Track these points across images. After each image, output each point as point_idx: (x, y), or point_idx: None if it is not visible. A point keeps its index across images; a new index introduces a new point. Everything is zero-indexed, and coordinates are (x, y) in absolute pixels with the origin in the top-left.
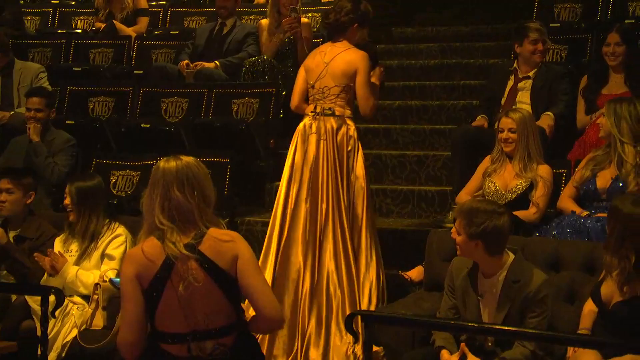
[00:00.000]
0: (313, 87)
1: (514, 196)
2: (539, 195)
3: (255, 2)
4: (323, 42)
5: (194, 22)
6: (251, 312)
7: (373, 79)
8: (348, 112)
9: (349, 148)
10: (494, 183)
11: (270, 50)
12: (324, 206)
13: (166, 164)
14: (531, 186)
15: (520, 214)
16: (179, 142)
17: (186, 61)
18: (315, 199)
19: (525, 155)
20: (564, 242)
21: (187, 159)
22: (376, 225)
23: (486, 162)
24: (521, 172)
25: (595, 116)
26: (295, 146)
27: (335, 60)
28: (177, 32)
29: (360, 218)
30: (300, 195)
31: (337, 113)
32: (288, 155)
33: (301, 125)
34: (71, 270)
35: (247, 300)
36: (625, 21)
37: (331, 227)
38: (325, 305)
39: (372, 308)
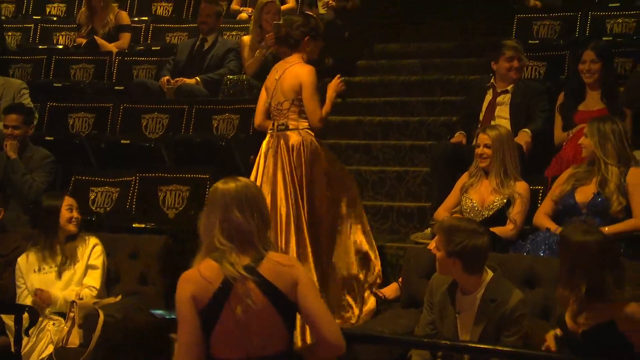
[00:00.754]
0: (270, 104)
1: (491, 213)
2: (516, 211)
3: (237, 18)
4: None
5: (176, 37)
6: None
7: (329, 91)
8: (303, 124)
9: (305, 158)
10: (471, 199)
11: (253, 66)
12: (283, 221)
13: (224, 185)
14: (508, 203)
15: (497, 230)
16: (159, 158)
17: (167, 77)
18: (275, 213)
19: (501, 172)
20: (538, 259)
21: (244, 180)
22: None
23: (464, 178)
24: (498, 188)
25: (572, 133)
26: (258, 164)
27: (284, 75)
28: (159, 47)
29: (323, 225)
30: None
31: (290, 127)
32: (251, 174)
33: (264, 142)
34: (59, 296)
35: None
36: (603, 38)
37: (293, 238)
38: None
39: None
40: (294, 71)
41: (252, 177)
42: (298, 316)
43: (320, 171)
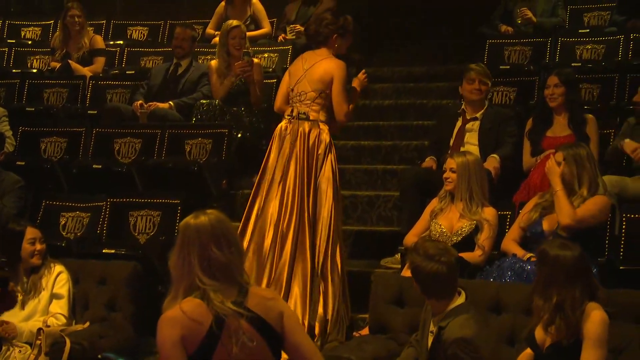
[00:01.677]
0: (292, 90)
1: (459, 238)
2: (484, 237)
3: (212, 42)
4: (277, 83)
5: (151, 61)
6: None
7: (354, 84)
8: (322, 117)
9: (319, 152)
10: (440, 225)
11: (222, 92)
12: (289, 206)
13: (197, 220)
14: (476, 228)
15: (466, 255)
16: (131, 183)
17: (140, 101)
18: (282, 198)
19: (467, 197)
20: (505, 285)
21: (216, 213)
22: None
23: (433, 203)
24: (465, 213)
25: (540, 158)
26: (271, 147)
27: (314, 67)
28: (133, 72)
29: (327, 219)
30: (270, 193)
31: (311, 117)
32: (265, 156)
33: (278, 127)
34: (25, 328)
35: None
36: (573, 64)
37: (293, 227)
38: None
39: (330, 312)
40: (326, 64)
41: (265, 160)
42: None
43: (329, 168)
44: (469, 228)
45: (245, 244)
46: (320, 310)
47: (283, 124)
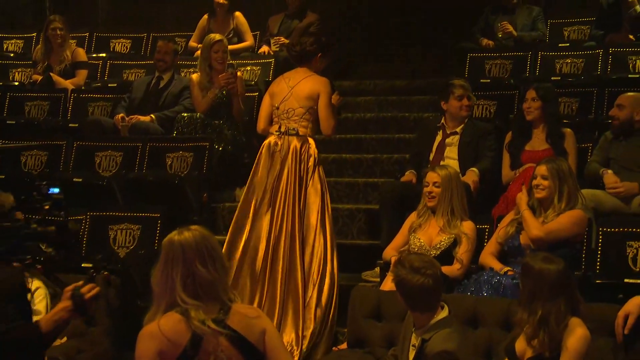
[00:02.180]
0: (278, 108)
1: (438, 252)
2: (462, 251)
3: (195, 55)
4: (259, 96)
5: (134, 74)
6: None
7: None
8: (310, 132)
9: (309, 164)
10: (419, 239)
11: (205, 105)
12: (280, 221)
13: (181, 236)
14: (455, 242)
15: (444, 269)
16: (111, 197)
17: (121, 115)
18: (274, 212)
19: (448, 211)
20: (482, 299)
21: (200, 229)
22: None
23: (412, 217)
24: (445, 227)
25: (519, 172)
26: (258, 162)
27: (300, 84)
28: (115, 84)
29: (314, 228)
30: (261, 209)
31: (300, 133)
32: (252, 171)
33: (266, 142)
34: None
35: None
36: (552, 78)
37: (283, 242)
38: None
39: (319, 321)
40: (312, 81)
41: (252, 175)
42: None
43: (317, 179)
44: (447, 242)
45: (236, 260)
46: (311, 320)
47: (272, 139)
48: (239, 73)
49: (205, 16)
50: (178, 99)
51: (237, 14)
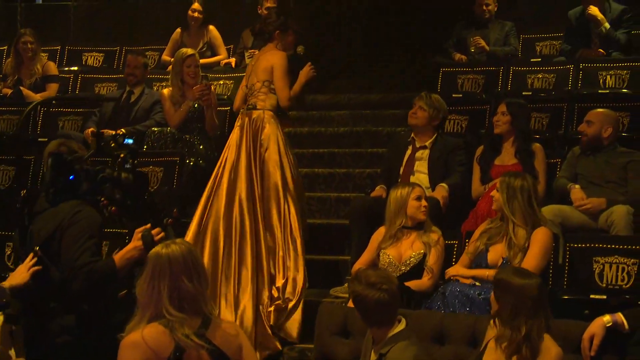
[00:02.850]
0: (247, 87)
1: (408, 268)
2: (432, 261)
3: (168, 69)
4: (231, 110)
5: (105, 88)
6: None
7: (301, 75)
8: (269, 106)
9: (262, 137)
10: (388, 255)
11: (178, 118)
12: (238, 191)
13: (168, 250)
14: (424, 256)
15: (413, 284)
16: None
17: (92, 129)
18: (234, 184)
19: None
20: (448, 315)
21: (186, 243)
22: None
23: (380, 232)
24: (416, 239)
25: (489, 187)
26: (229, 143)
27: (258, 60)
28: (85, 98)
29: (276, 210)
30: (223, 177)
31: (258, 107)
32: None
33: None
34: None
35: None
36: (524, 93)
37: (247, 220)
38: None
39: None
40: (268, 56)
41: (223, 156)
42: None
43: (275, 151)
44: (417, 258)
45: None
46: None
47: (239, 116)
48: (212, 87)
49: (179, 30)
50: (149, 113)
51: (211, 27)
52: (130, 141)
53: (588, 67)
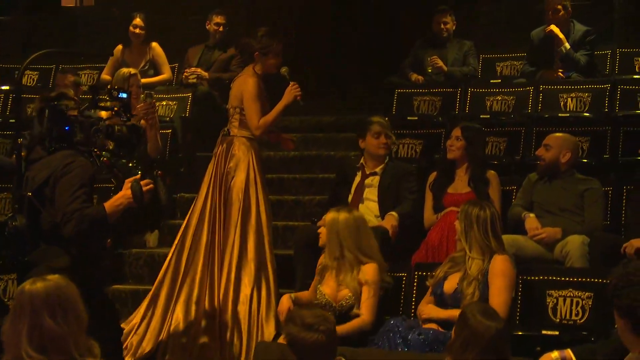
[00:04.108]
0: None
1: (344, 309)
2: (364, 299)
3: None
4: (172, 133)
5: None
6: None
7: (284, 97)
8: (242, 132)
9: (231, 165)
10: (324, 294)
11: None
12: (207, 219)
13: (32, 286)
14: (360, 294)
15: (350, 325)
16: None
17: (23, 153)
18: (203, 212)
19: (338, 257)
20: (392, 354)
21: (54, 279)
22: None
23: (320, 262)
24: (342, 278)
25: (441, 216)
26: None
27: (233, 85)
28: (14, 120)
29: (232, 238)
30: (203, 209)
31: (231, 133)
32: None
33: None
34: None
35: None
36: (482, 115)
37: (206, 238)
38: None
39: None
40: (240, 80)
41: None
42: None
43: (241, 179)
44: (350, 299)
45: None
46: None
47: (217, 143)
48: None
49: (120, 46)
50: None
51: (154, 44)
52: (124, 95)
53: (548, 89)
